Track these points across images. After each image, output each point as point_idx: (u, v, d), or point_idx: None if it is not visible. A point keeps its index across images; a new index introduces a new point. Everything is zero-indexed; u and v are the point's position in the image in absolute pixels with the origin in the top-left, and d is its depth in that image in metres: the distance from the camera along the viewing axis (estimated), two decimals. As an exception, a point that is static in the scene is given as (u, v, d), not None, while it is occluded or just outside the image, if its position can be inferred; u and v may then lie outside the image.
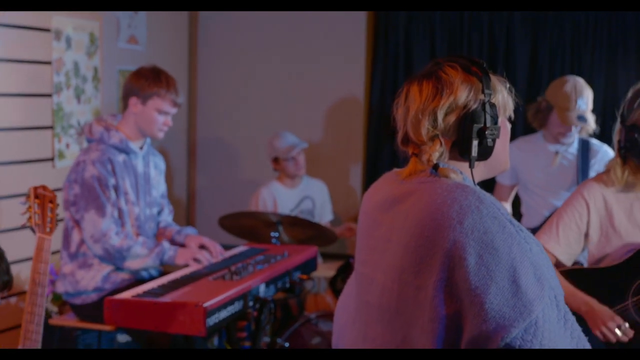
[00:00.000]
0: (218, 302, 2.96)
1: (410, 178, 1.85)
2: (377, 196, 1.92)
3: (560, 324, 1.67)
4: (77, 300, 3.61)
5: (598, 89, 4.77)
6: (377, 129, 5.40)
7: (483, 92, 1.81)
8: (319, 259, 4.77)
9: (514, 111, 1.92)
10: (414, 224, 1.74)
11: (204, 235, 3.84)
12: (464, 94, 1.80)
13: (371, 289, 1.84)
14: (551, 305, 1.67)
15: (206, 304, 2.87)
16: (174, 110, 3.64)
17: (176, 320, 2.88)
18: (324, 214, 5.08)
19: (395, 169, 1.96)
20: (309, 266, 3.89)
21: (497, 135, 1.83)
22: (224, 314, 3.01)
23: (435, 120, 1.80)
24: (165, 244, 3.58)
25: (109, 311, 2.99)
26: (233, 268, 3.37)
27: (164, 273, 3.69)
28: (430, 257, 1.70)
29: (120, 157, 3.59)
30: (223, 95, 5.73)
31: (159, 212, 3.87)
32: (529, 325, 1.62)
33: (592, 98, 4.18)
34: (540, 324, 1.63)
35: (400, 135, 1.88)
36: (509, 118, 1.92)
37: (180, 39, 5.62)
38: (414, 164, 1.85)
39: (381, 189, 1.93)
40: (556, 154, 4.22)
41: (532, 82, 5.08)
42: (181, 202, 5.71)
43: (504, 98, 1.87)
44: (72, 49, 4.48)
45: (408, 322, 1.73)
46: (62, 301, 4.04)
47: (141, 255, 3.52)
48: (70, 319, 3.72)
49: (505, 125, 1.89)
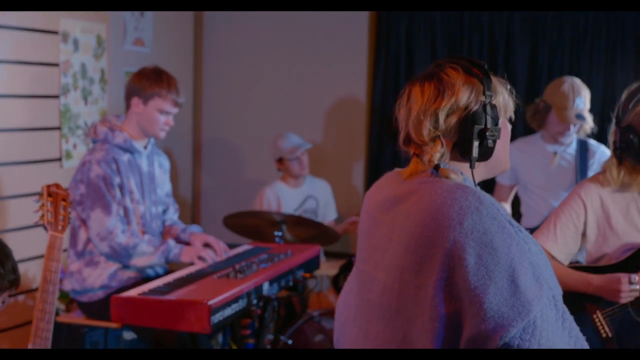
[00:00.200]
0: (222, 300, 2.96)
1: (411, 178, 1.84)
2: (379, 195, 1.91)
3: (559, 324, 1.67)
4: (84, 298, 3.61)
5: (596, 89, 4.76)
6: (379, 129, 5.39)
7: (484, 94, 1.80)
8: (322, 258, 4.77)
9: (514, 112, 1.91)
10: (415, 224, 1.74)
11: (209, 234, 3.84)
12: (465, 96, 1.79)
13: (372, 287, 1.84)
14: (549, 305, 1.66)
15: (211, 302, 2.87)
16: (175, 110, 3.63)
17: (181, 318, 2.88)
18: (328, 213, 5.07)
19: (397, 169, 1.95)
20: (311, 265, 3.89)
21: (498, 136, 1.82)
22: (228, 311, 3.00)
23: (436, 121, 1.79)
24: (171, 242, 3.57)
25: (116, 309, 2.98)
26: (237, 266, 3.37)
27: (170, 271, 3.69)
28: (430, 257, 1.69)
29: (125, 157, 3.59)
30: (228, 96, 5.73)
31: (165, 211, 3.86)
32: (528, 325, 1.62)
33: (590, 98, 4.17)
34: (538, 324, 1.63)
35: (402, 136, 1.87)
36: (510, 119, 1.91)
37: (186, 42, 5.62)
38: (415, 164, 1.85)
39: (383, 189, 1.92)
40: (555, 154, 4.22)
41: (532, 83, 5.07)
42: (186, 202, 5.71)
43: (504, 99, 1.86)
44: (80, 51, 4.48)
45: (408, 321, 1.73)
46: (69, 299, 4.04)
47: (147, 253, 3.52)
48: (78, 317, 3.72)
49: (505, 126, 1.88)
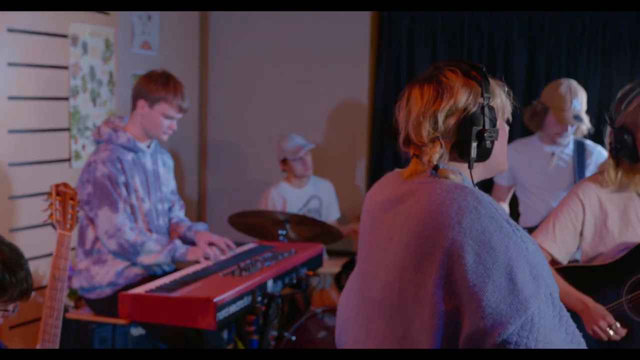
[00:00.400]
0: (228, 297, 2.96)
1: (411, 178, 1.84)
2: (380, 195, 1.91)
3: (555, 321, 1.66)
4: (92, 295, 3.61)
5: (593, 91, 4.77)
6: (381, 130, 5.40)
7: (482, 96, 1.80)
8: (325, 256, 4.77)
9: (512, 114, 1.91)
10: (415, 223, 1.74)
11: (214, 234, 3.84)
12: (463, 98, 1.79)
13: (373, 285, 1.84)
14: (547, 303, 1.66)
15: (216, 299, 2.87)
16: (179, 115, 3.64)
17: (188, 315, 2.88)
18: (331, 212, 5.07)
19: (397, 169, 1.95)
20: (315, 263, 3.89)
21: (496, 137, 1.82)
22: (233, 308, 3.01)
23: (435, 122, 1.79)
24: (177, 242, 3.58)
25: (123, 305, 2.99)
26: (242, 264, 3.37)
27: (177, 269, 3.69)
28: (430, 256, 1.69)
29: (129, 156, 3.59)
30: (232, 98, 5.73)
31: (170, 208, 3.87)
32: (525, 322, 1.62)
33: (586, 99, 4.17)
34: (536, 321, 1.63)
35: (402, 137, 1.87)
36: (507, 120, 1.91)
37: (192, 45, 5.62)
38: (415, 165, 1.85)
39: (383, 189, 1.92)
40: (552, 154, 4.21)
41: (530, 85, 5.07)
42: (192, 202, 5.71)
43: (502, 101, 1.86)
44: (88, 54, 4.49)
45: (409, 318, 1.73)
46: (78, 296, 4.05)
47: (154, 252, 3.52)
48: (86, 313, 3.73)
49: (503, 128, 1.88)
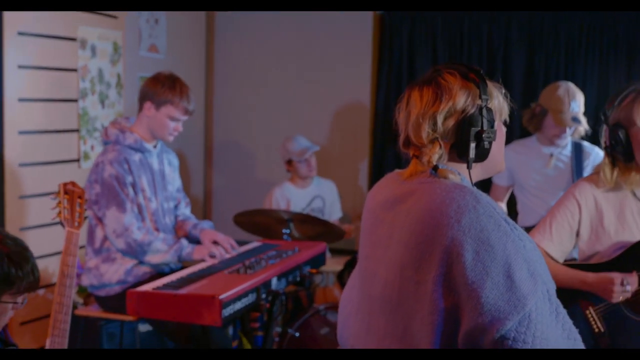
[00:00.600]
0: (233, 295, 2.96)
1: (411, 178, 1.85)
2: (380, 195, 1.92)
3: (552, 317, 1.67)
4: (101, 292, 3.62)
5: (591, 93, 4.76)
6: (382, 131, 5.40)
7: (480, 98, 1.80)
8: (328, 254, 4.76)
9: (511, 115, 1.92)
10: (415, 222, 1.74)
11: (219, 232, 3.85)
12: (462, 99, 1.80)
13: (374, 282, 1.84)
14: (544, 299, 1.66)
15: (222, 296, 2.87)
16: (185, 117, 3.65)
17: (194, 311, 2.88)
18: (334, 212, 5.08)
19: (397, 170, 1.95)
20: (318, 261, 3.89)
21: (494, 138, 1.82)
22: (238, 305, 3.01)
23: (435, 124, 1.80)
24: (184, 241, 3.58)
25: (131, 302, 2.99)
26: (247, 262, 3.38)
27: (184, 267, 3.70)
28: (429, 254, 1.69)
29: (136, 157, 3.60)
30: (238, 100, 5.74)
31: (176, 206, 3.89)
32: (523, 318, 1.62)
33: (584, 101, 4.17)
34: (533, 317, 1.63)
35: (402, 138, 1.88)
36: (505, 122, 1.91)
37: (198, 48, 5.64)
38: (415, 165, 1.85)
39: (384, 189, 1.93)
40: (551, 156, 4.21)
41: (529, 88, 5.07)
42: (198, 201, 5.73)
43: (499, 103, 1.87)
44: (97, 57, 4.50)
45: (409, 315, 1.73)
46: (87, 293, 4.06)
47: (161, 251, 3.53)
48: (95, 310, 3.74)
49: (501, 129, 1.89)
